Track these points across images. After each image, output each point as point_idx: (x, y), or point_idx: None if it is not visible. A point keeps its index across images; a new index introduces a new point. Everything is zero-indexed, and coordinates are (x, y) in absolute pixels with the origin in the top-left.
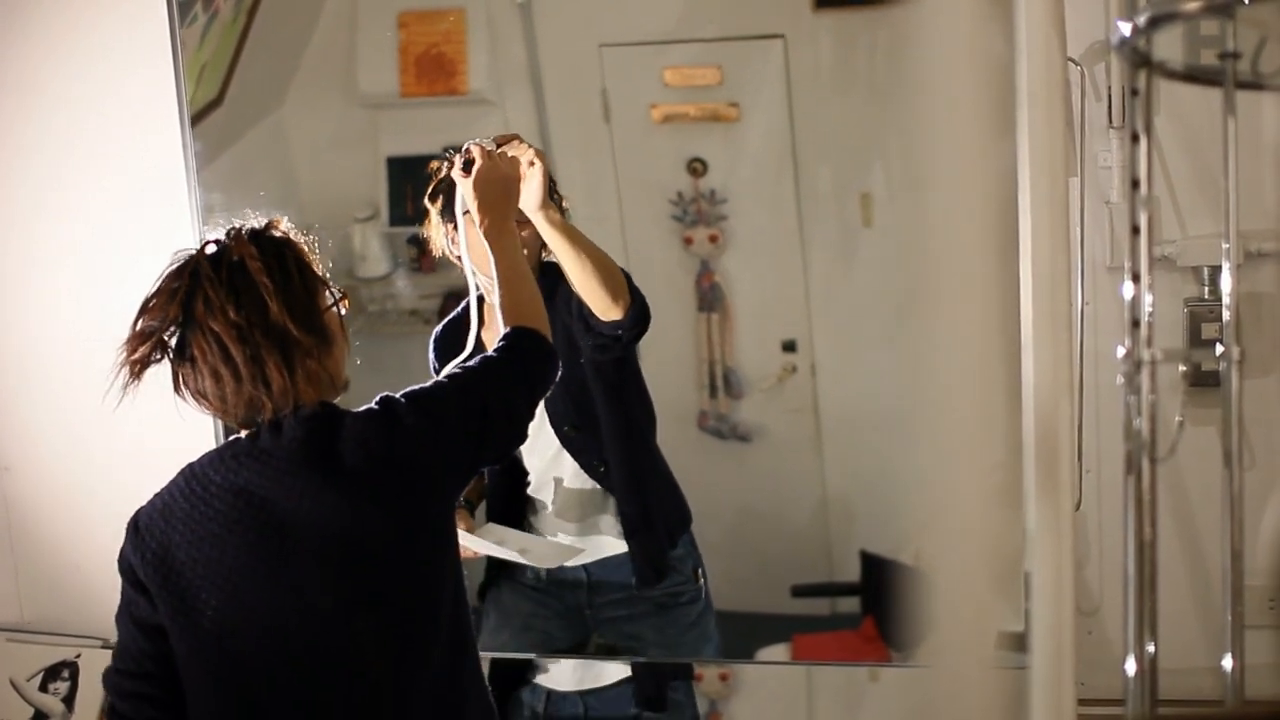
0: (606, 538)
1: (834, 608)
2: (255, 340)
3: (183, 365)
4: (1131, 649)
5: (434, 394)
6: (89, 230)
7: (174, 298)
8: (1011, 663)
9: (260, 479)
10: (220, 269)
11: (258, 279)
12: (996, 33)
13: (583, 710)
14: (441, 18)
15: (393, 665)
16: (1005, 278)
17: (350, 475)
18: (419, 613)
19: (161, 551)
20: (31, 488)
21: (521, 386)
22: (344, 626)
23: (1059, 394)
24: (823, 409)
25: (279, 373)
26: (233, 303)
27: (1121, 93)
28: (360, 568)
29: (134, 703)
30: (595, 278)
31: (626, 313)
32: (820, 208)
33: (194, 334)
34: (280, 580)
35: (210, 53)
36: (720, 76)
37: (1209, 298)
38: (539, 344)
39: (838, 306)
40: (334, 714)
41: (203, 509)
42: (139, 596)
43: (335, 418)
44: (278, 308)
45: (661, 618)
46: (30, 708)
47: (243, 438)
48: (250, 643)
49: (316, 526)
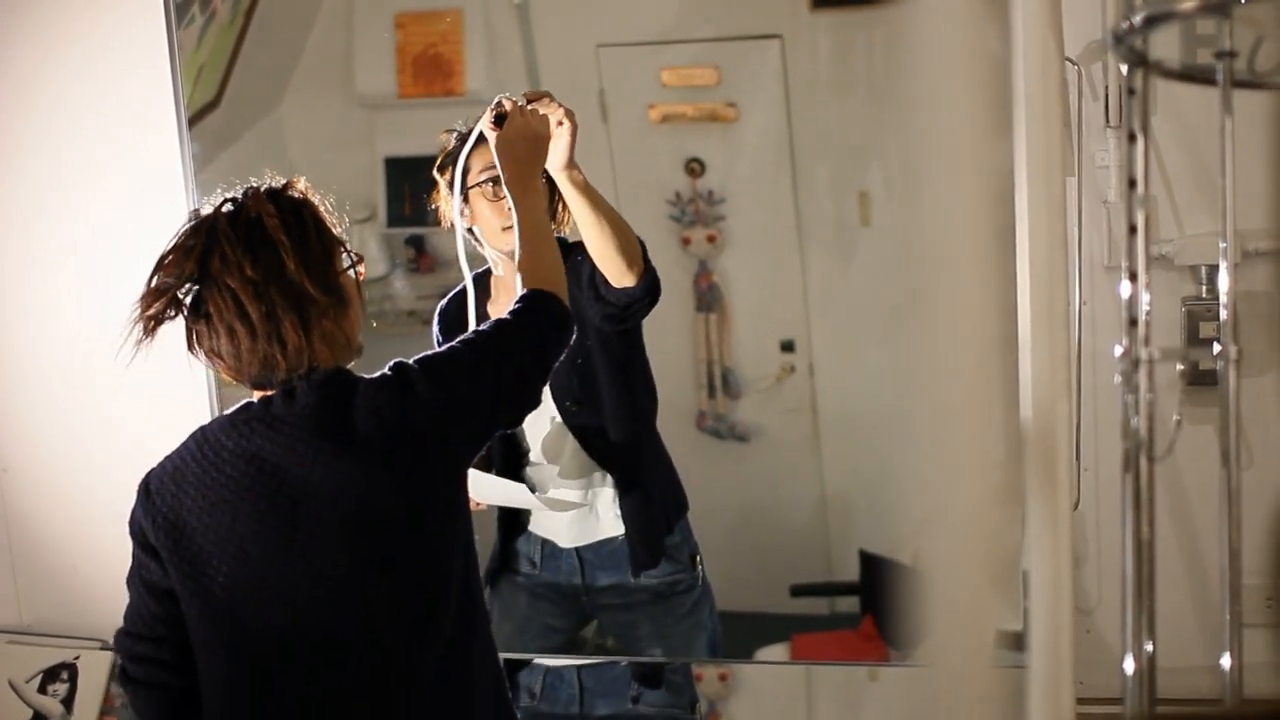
0: (604, 519)
1: (833, 607)
2: (271, 297)
3: (198, 322)
4: (1130, 648)
5: (448, 359)
6: (87, 231)
7: (190, 254)
8: (1010, 662)
9: (272, 445)
10: (237, 226)
11: (275, 236)
12: (993, 32)
13: (579, 690)
14: (439, 18)
15: (403, 634)
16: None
17: (363, 443)
18: (430, 582)
19: (173, 516)
20: (30, 489)
21: (534, 350)
22: (355, 595)
23: (1057, 393)
24: (821, 408)
25: (294, 331)
26: (249, 259)
27: (1119, 92)
28: (371, 536)
29: (145, 666)
30: (613, 242)
31: (640, 280)
32: (818, 207)
33: (210, 290)
34: (292, 548)
35: (208, 54)
36: (718, 76)
37: (1206, 296)
38: (555, 307)
39: (836, 306)
40: (344, 682)
41: (214, 474)
42: (150, 560)
43: (349, 384)
44: (294, 265)
45: (658, 606)
46: (29, 709)
47: (255, 402)
48: (261, 610)
49: (328, 495)
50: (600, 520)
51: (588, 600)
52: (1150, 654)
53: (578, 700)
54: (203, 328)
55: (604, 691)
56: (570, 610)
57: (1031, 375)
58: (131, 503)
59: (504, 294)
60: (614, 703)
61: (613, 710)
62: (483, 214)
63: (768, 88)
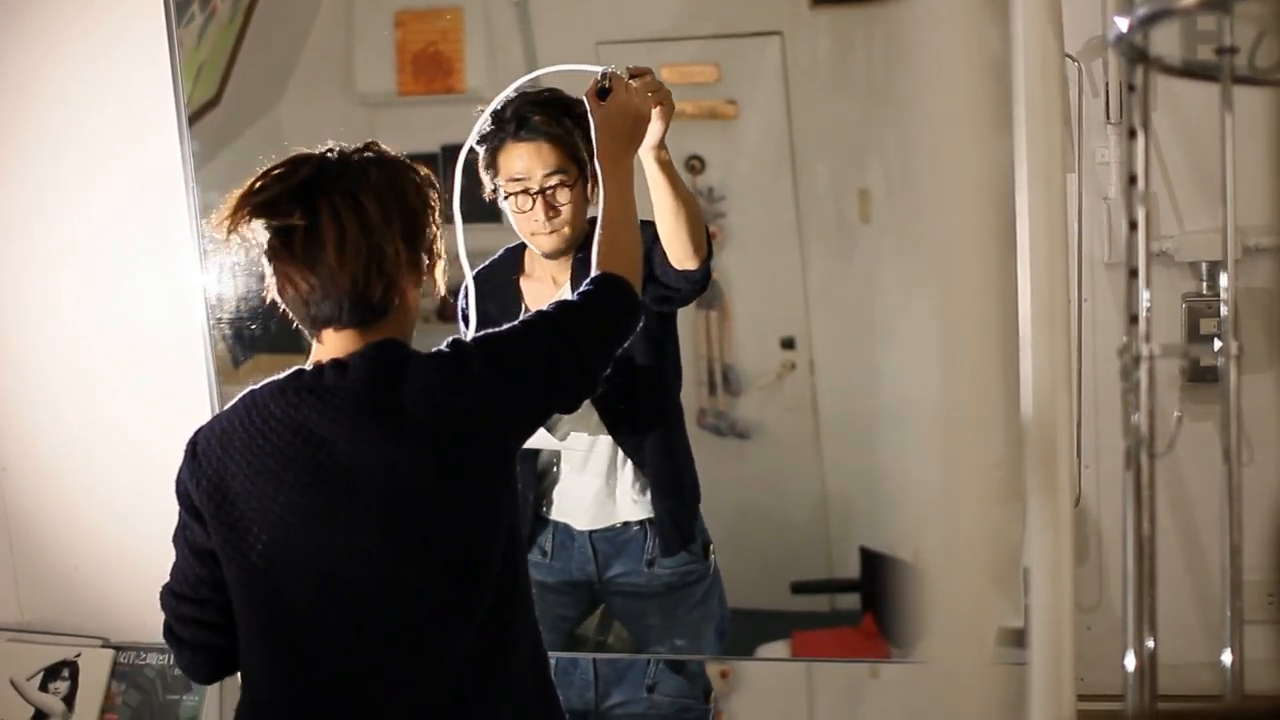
0: (621, 503)
1: (834, 604)
2: (373, 236)
3: (296, 229)
4: (1131, 644)
5: (506, 339)
6: (88, 230)
7: (302, 165)
8: (1011, 659)
9: (320, 417)
10: (349, 165)
11: (379, 186)
12: (993, 29)
13: (594, 677)
14: (438, 16)
15: (436, 615)
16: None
17: (410, 422)
18: (465, 566)
19: (217, 480)
20: (30, 487)
21: (598, 336)
22: (392, 574)
23: (1057, 390)
24: (822, 406)
25: (377, 281)
26: (372, 193)
27: (1119, 88)
28: (411, 515)
29: (191, 627)
30: (686, 225)
31: (700, 265)
32: (818, 204)
33: (324, 199)
34: (333, 523)
35: (208, 52)
36: (718, 74)
37: (1207, 293)
38: (625, 293)
39: (836, 303)
40: (376, 660)
41: (260, 442)
42: (194, 522)
43: (401, 359)
44: (395, 221)
45: (670, 597)
46: (31, 707)
47: (307, 370)
48: (298, 581)
49: (372, 471)
50: (618, 504)
51: (600, 589)
52: (1151, 650)
53: (593, 687)
54: (302, 236)
55: (618, 679)
56: (581, 599)
57: (1032, 372)
58: (132, 503)
59: (538, 266)
60: (629, 690)
61: (627, 697)
62: (512, 217)
63: (768, 85)
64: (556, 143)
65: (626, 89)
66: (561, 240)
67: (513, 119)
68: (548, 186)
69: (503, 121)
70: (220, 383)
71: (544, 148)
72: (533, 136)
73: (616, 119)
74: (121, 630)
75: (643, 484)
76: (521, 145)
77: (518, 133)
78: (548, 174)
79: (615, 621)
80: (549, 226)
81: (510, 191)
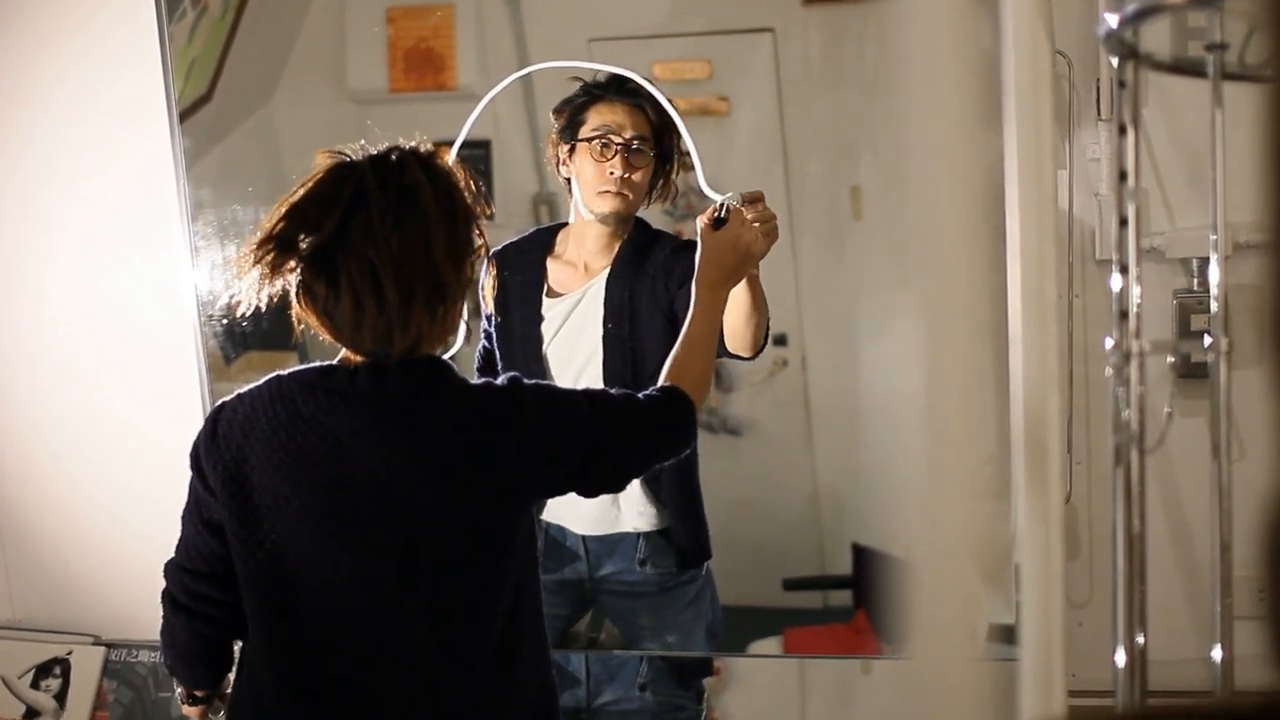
0: (625, 513)
1: (826, 601)
2: (411, 279)
3: (317, 281)
4: (1121, 640)
5: (565, 403)
6: (78, 226)
7: (332, 208)
8: (1002, 654)
9: (348, 426)
10: (388, 188)
11: (426, 209)
12: (984, 26)
13: (585, 676)
14: (430, 13)
15: (442, 645)
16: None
17: (443, 450)
18: (471, 609)
19: (234, 466)
20: (21, 485)
21: (647, 445)
22: (394, 604)
23: (1048, 386)
24: (813, 402)
25: (425, 316)
26: (398, 234)
27: (1109, 85)
28: (426, 545)
29: (202, 603)
30: (754, 332)
31: (749, 357)
32: (810, 201)
33: (347, 257)
34: (343, 537)
35: (199, 48)
36: (709, 70)
37: (1198, 289)
38: (687, 414)
39: (828, 300)
40: (375, 672)
41: (283, 437)
42: (208, 497)
43: (445, 383)
44: (441, 245)
45: (662, 597)
46: (22, 705)
47: (340, 370)
48: (302, 584)
49: (392, 491)
50: (622, 513)
51: (591, 588)
52: (1141, 646)
53: (585, 686)
54: (323, 289)
55: (611, 678)
56: (573, 599)
57: (1023, 368)
58: (123, 500)
59: (572, 244)
60: (621, 689)
61: (619, 696)
62: (584, 171)
63: (759, 82)
64: (647, 115)
65: (742, 223)
66: (622, 204)
67: (611, 83)
68: (633, 143)
69: (599, 85)
70: (211, 379)
71: (638, 113)
72: (632, 99)
73: (726, 252)
74: (113, 628)
75: (650, 494)
76: (618, 104)
77: (618, 91)
78: (636, 135)
79: (607, 620)
80: (618, 185)
81: (593, 138)
